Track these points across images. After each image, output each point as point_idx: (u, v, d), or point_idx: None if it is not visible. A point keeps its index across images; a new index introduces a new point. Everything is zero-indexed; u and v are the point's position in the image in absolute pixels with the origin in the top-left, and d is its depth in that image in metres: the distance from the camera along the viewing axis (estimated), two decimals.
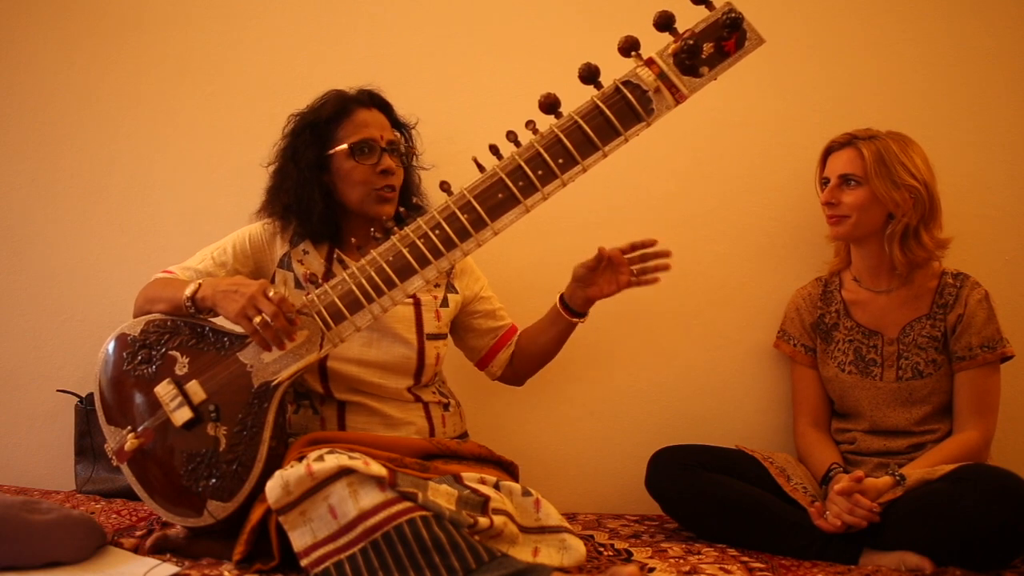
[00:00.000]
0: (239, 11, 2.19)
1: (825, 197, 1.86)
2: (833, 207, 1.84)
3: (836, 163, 1.86)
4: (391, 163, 1.69)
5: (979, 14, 2.09)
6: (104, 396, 1.60)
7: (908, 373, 1.82)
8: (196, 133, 2.18)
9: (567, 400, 2.13)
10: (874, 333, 1.87)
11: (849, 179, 1.82)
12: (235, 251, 1.73)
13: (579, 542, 1.39)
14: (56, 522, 1.42)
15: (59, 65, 2.21)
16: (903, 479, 1.60)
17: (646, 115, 1.33)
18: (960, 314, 1.80)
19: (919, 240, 1.80)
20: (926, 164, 1.81)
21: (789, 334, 2.00)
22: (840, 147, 1.86)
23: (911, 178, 1.78)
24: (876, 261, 1.87)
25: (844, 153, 1.84)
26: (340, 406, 1.69)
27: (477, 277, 1.88)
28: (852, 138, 1.84)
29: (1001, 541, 1.47)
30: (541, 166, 1.36)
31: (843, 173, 1.83)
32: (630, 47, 1.30)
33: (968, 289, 1.81)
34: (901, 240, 1.81)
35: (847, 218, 1.82)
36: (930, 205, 1.80)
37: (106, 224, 2.19)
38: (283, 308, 1.47)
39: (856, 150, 1.82)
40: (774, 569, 1.52)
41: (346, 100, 1.73)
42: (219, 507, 1.47)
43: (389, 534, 1.25)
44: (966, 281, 1.83)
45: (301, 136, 1.72)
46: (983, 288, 1.82)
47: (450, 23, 2.16)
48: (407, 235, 1.45)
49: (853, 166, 1.81)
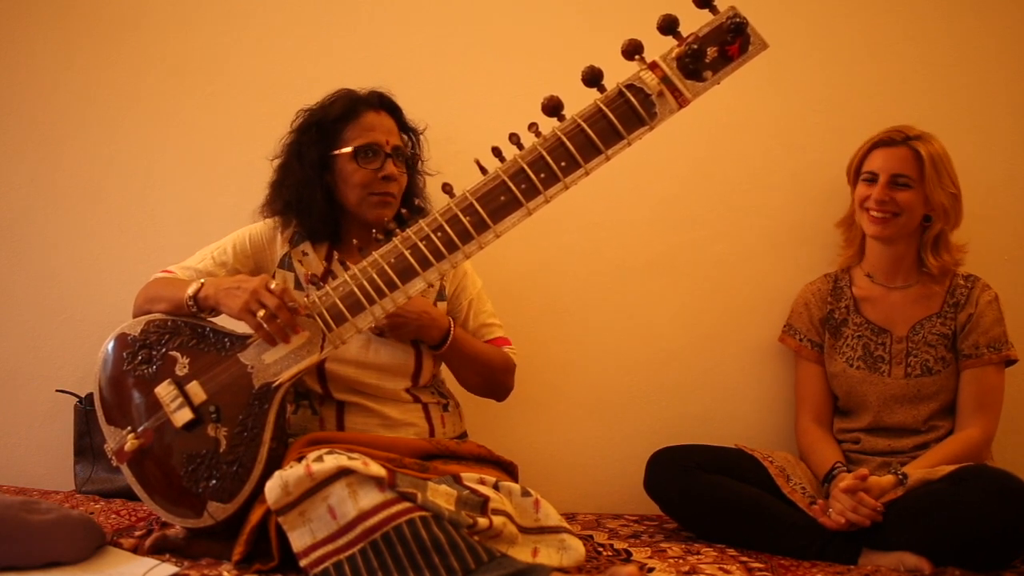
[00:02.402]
0: (239, 11, 2.18)
1: (878, 194, 1.82)
2: (884, 205, 1.82)
3: (889, 161, 1.83)
4: (394, 170, 1.69)
5: (979, 14, 2.09)
6: (104, 396, 1.60)
7: (917, 370, 1.83)
8: (196, 133, 2.18)
9: (567, 400, 2.13)
10: (883, 330, 1.87)
11: (902, 180, 1.81)
12: (235, 251, 1.73)
13: (578, 542, 1.39)
14: (55, 522, 1.42)
15: (59, 65, 2.21)
16: (906, 478, 1.61)
17: (649, 119, 1.33)
18: (971, 313, 1.81)
19: (947, 245, 1.84)
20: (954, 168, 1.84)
21: (796, 329, 1.99)
22: (892, 144, 1.83)
23: (953, 185, 1.81)
24: (900, 258, 1.88)
25: (898, 152, 1.82)
26: (339, 406, 1.68)
27: (465, 287, 1.83)
28: (905, 137, 1.82)
29: (1001, 542, 1.48)
30: (543, 169, 1.36)
31: (896, 172, 1.81)
32: (634, 50, 1.30)
33: (979, 290, 1.83)
34: (933, 245, 1.84)
35: (898, 217, 1.81)
36: (959, 211, 1.84)
37: (106, 224, 2.19)
38: (285, 300, 1.48)
39: (911, 151, 1.81)
40: (773, 569, 1.52)
41: (355, 101, 1.72)
42: (219, 508, 1.47)
43: (388, 534, 1.25)
44: (977, 282, 1.85)
45: (307, 133, 1.72)
46: (993, 290, 1.84)
47: (452, 23, 2.16)
48: (409, 237, 1.44)
49: (908, 167, 1.80)
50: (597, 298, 2.13)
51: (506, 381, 1.82)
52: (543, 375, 1.92)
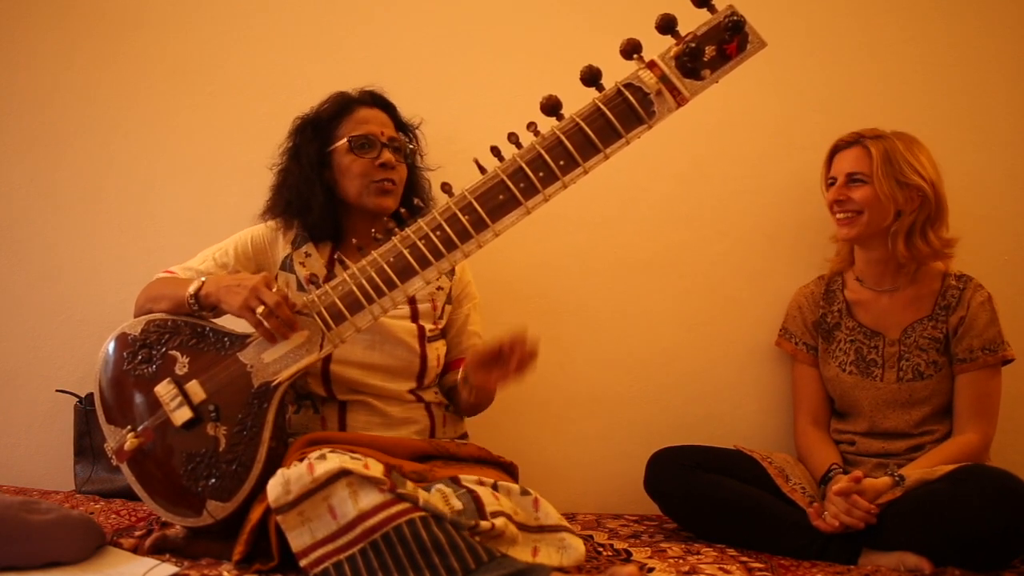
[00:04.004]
0: (239, 11, 2.19)
1: (833, 195, 1.85)
2: (843, 204, 1.83)
3: (842, 162, 1.85)
4: (391, 157, 1.71)
5: (979, 14, 2.09)
6: (104, 396, 1.60)
7: (908, 374, 1.82)
8: (196, 133, 2.18)
9: (567, 400, 2.13)
10: (876, 334, 1.87)
11: (855, 177, 1.82)
12: (237, 252, 1.74)
13: (578, 541, 1.39)
14: (55, 522, 1.42)
15: (59, 65, 2.21)
16: (902, 479, 1.61)
17: (647, 117, 1.33)
18: (962, 316, 1.80)
19: (925, 238, 1.80)
20: (932, 164, 1.81)
21: (791, 332, 2.00)
22: (847, 146, 1.86)
23: (917, 177, 1.78)
24: (881, 261, 1.86)
25: (851, 152, 1.84)
26: (341, 406, 1.68)
27: (469, 294, 1.86)
28: (859, 137, 1.84)
29: (1000, 541, 1.48)
30: (542, 168, 1.36)
31: (849, 172, 1.82)
32: (632, 49, 1.30)
33: (971, 291, 1.81)
34: (906, 237, 1.81)
35: (860, 215, 1.81)
36: (936, 205, 1.80)
37: (106, 224, 2.19)
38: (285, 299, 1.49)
39: (863, 148, 1.82)
40: (773, 569, 1.52)
41: (348, 99, 1.77)
42: (218, 507, 1.47)
43: (388, 535, 1.25)
44: (969, 283, 1.83)
45: (303, 134, 1.76)
46: (986, 291, 1.82)
47: (451, 24, 2.16)
48: (408, 236, 1.45)
49: (859, 164, 1.81)
50: (596, 298, 2.13)
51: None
52: (543, 375, 1.91)
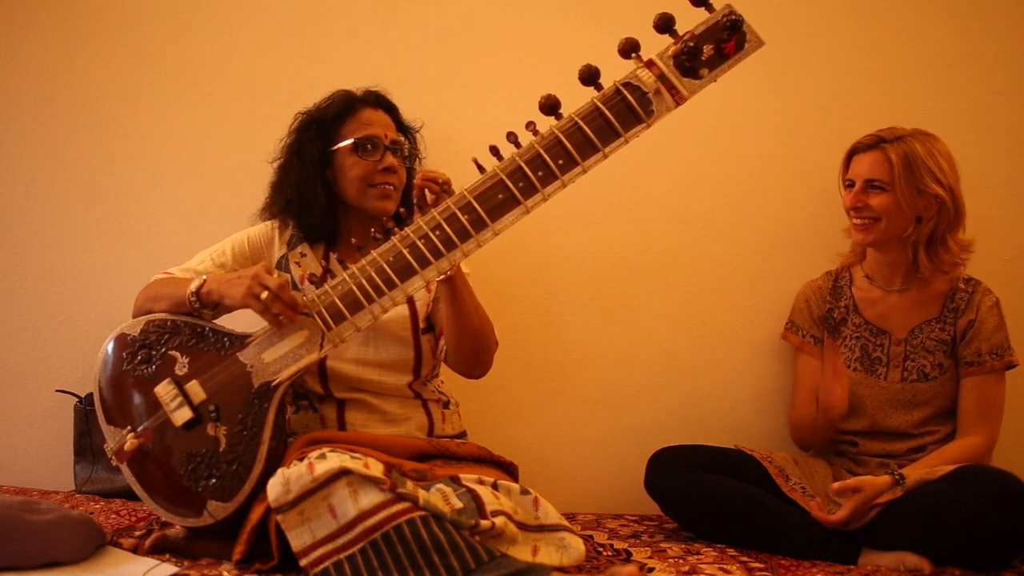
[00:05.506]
0: (239, 11, 2.19)
1: (851, 201, 1.81)
2: (860, 211, 1.80)
3: (861, 166, 1.81)
4: (393, 161, 1.71)
5: (979, 14, 2.09)
6: (104, 396, 1.60)
7: (913, 375, 1.82)
8: (195, 133, 2.18)
9: (567, 400, 2.13)
10: (882, 332, 1.86)
11: (874, 184, 1.77)
12: (234, 253, 1.74)
13: (578, 541, 1.39)
14: (55, 522, 1.42)
15: (59, 65, 2.21)
16: (903, 479, 1.60)
17: (646, 116, 1.33)
18: (971, 319, 1.79)
19: (945, 245, 1.78)
20: (952, 166, 1.77)
21: (798, 325, 1.99)
22: (866, 149, 1.81)
23: (936, 185, 1.74)
24: (895, 263, 1.85)
25: (869, 156, 1.79)
26: (340, 404, 1.69)
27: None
28: (879, 140, 1.79)
29: (1001, 542, 1.48)
30: (541, 167, 1.36)
31: (868, 178, 1.78)
32: (630, 49, 1.30)
33: (980, 295, 1.81)
34: (927, 246, 1.78)
35: (877, 223, 1.78)
36: (955, 210, 1.77)
37: (106, 224, 2.19)
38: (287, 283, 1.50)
39: (883, 154, 1.77)
40: (773, 569, 1.52)
41: (352, 99, 1.76)
42: (219, 507, 1.47)
43: (389, 534, 1.25)
44: (978, 287, 1.82)
45: (306, 132, 1.75)
46: (994, 295, 1.82)
47: (450, 23, 2.16)
48: (407, 235, 1.45)
49: (879, 171, 1.77)
50: (596, 297, 2.13)
51: (492, 346, 1.71)
52: (543, 375, 1.92)
